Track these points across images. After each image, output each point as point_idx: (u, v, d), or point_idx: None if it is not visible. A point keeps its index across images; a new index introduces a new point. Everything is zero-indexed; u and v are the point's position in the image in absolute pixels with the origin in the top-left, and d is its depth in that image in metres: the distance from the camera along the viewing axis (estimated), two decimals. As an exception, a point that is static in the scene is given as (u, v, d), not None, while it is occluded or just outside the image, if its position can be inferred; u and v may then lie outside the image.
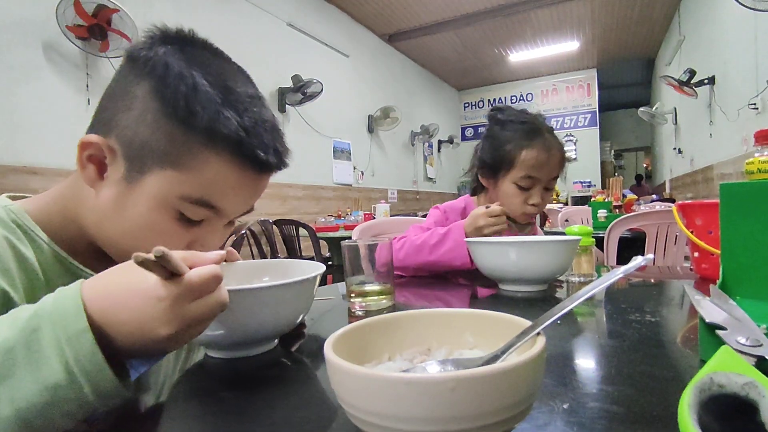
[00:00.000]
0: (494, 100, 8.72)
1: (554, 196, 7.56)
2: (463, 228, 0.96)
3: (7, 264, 0.45)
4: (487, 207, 0.96)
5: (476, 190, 1.23)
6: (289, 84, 4.20)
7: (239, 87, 0.49)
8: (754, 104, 3.22)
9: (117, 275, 0.35)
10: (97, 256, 0.55)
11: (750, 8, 2.88)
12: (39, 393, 0.29)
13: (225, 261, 0.65)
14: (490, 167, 1.12)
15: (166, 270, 0.33)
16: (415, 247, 0.99)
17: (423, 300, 0.85)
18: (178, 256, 0.35)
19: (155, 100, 0.46)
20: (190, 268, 0.35)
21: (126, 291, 0.33)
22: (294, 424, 0.34)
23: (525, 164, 1.06)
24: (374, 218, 4.00)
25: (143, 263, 0.31)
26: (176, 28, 0.50)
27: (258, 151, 0.48)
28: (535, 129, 1.08)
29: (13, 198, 0.53)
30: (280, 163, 0.52)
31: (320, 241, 3.31)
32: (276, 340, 0.54)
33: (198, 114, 0.45)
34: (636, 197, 2.96)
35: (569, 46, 6.86)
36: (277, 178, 0.55)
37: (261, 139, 0.48)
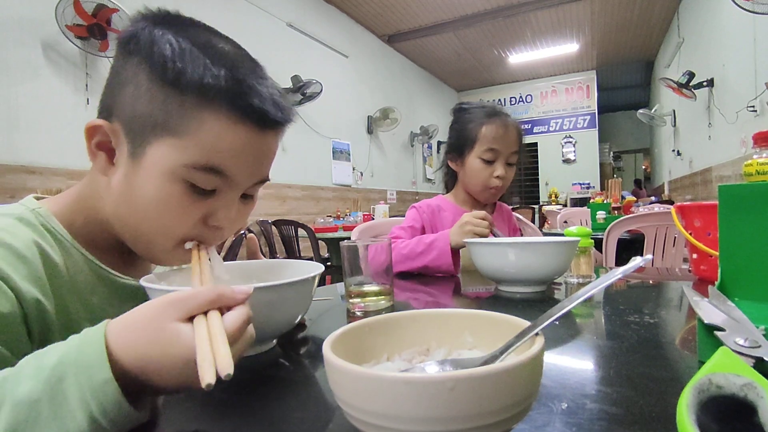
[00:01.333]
0: (493, 101, 8.72)
1: (553, 198, 7.58)
2: (448, 236, 1.03)
3: (38, 272, 0.44)
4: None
5: (448, 185, 1.36)
6: (288, 84, 4.20)
7: (228, 48, 0.48)
8: (753, 107, 3.23)
9: (146, 330, 0.33)
10: (121, 255, 0.54)
11: (749, 11, 2.89)
12: None
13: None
14: (456, 149, 1.25)
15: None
16: (403, 256, 1.06)
17: (422, 300, 0.85)
18: (206, 299, 0.34)
19: (145, 70, 0.45)
20: (221, 310, 0.35)
21: (161, 355, 0.32)
22: (292, 424, 0.34)
23: (486, 138, 1.19)
24: (373, 219, 4.00)
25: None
26: (158, 8, 0.49)
27: (254, 101, 0.46)
28: (493, 111, 1.22)
29: (38, 199, 0.53)
30: (282, 116, 0.49)
31: (319, 241, 3.31)
32: (274, 340, 0.54)
33: (186, 72, 0.44)
34: (635, 199, 2.97)
35: (569, 47, 6.87)
36: (276, 178, 0.55)
37: (257, 92, 0.46)
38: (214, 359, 0.31)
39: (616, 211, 2.66)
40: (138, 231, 0.50)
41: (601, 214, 2.55)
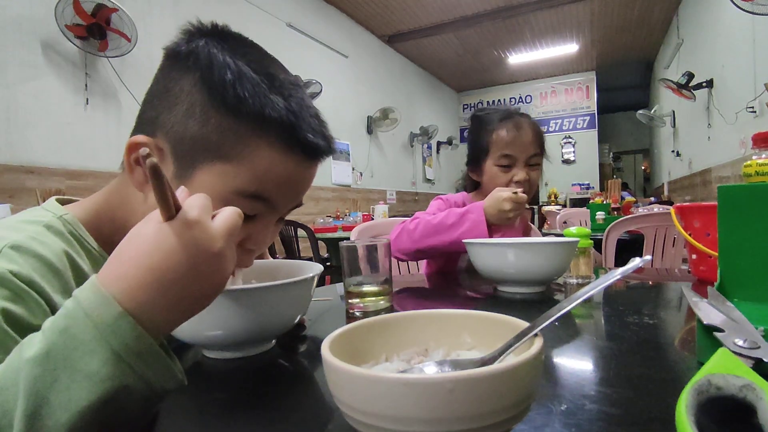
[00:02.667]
0: (493, 101, 8.74)
1: (552, 198, 7.58)
2: (482, 208, 0.95)
3: (70, 284, 0.43)
4: (514, 192, 0.95)
5: (467, 188, 1.29)
6: (288, 84, 4.19)
7: (281, 74, 0.49)
8: (752, 107, 3.23)
9: (131, 247, 0.32)
10: None
11: (748, 12, 2.89)
12: (95, 388, 0.28)
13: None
14: (474, 159, 1.18)
15: (167, 198, 0.31)
16: (432, 227, 0.97)
17: (421, 301, 0.85)
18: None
19: (202, 91, 0.45)
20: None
21: (155, 250, 0.30)
22: (290, 424, 0.33)
23: (499, 143, 1.12)
24: (373, 219, 3.99)
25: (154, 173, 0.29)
26: (210, 22, 0.49)
27: (308, 135, 0.47)
28: (506, 114, 1.15)
29: (61, 202, 0.51)
30: (329, 149, 0.51)
31: (319, 241, 3.31)
32: (273, 341, 0.54)
33: (247, 100, 0.44)
34: (634, 199, 2.97)
35: (568, 48, 6.88)
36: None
37: (309, 124, 0.47)
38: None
39: (615, 212, 2.66)
40: None
41: (600, 215, 2.55)
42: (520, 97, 8.49)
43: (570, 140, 8.13)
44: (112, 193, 0.51)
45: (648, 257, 0.38)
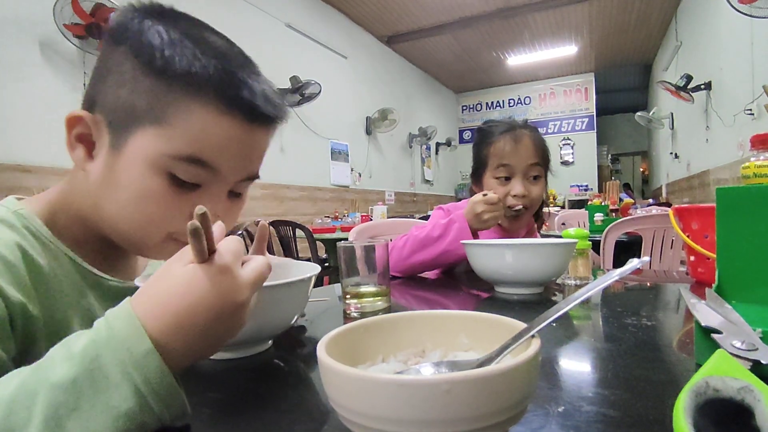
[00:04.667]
0: (492, 103, 8.75)
1: (552, 200, 7.60)
2: (464, 216, 0.96)
3: (22, 276, 0.43)
4: (484, 194, 0.96)
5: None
6: (287, 85, 4.19)
7: (220, 42, 0.48)
8: (750, 110, 3.24)
9: (164, 287, 0.33)
10: (104, 254, 0.53)
11: (746, 15, 2.90)
12: (112, 422, 0.28)
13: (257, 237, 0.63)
14: (475, 172, 1.18)
15: (203, 248, 0.32)
16: (419, 241, 0.98)
17: (418, 302, 0.85)
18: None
19: (131, 58, 0.44)
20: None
21: (186, 295, 0.31)
22: (285, 425, 0.33)
23: (496, 155, 1.10)
24: (371, 220, 4.00)
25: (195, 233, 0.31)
26: (150, 0, 0.48)
27: (244, 93, 0.45)
28: (507, 127, 1.12)
29: (19, 200, 0.51)
30: (273, 111, 0.48)
31: (317, 242, 3.31)
32: (270, 341, 0.53)
33: (174, 61, 0.43)
34: (633, 201, 2.97)
35: (567, 50, 6.89)
36: (274, 179, 0.54)
37: (246, 83, 0.45)
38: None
39: (613, 213, 2.66)
40: (118, 226, 0.48)
41: (598, 216, 2.56)
42: (519, 99, 8.51)
43: (569, 142, 8.15)
44: (65, 184, 0.52)
45: (646, 259, 0.38)
